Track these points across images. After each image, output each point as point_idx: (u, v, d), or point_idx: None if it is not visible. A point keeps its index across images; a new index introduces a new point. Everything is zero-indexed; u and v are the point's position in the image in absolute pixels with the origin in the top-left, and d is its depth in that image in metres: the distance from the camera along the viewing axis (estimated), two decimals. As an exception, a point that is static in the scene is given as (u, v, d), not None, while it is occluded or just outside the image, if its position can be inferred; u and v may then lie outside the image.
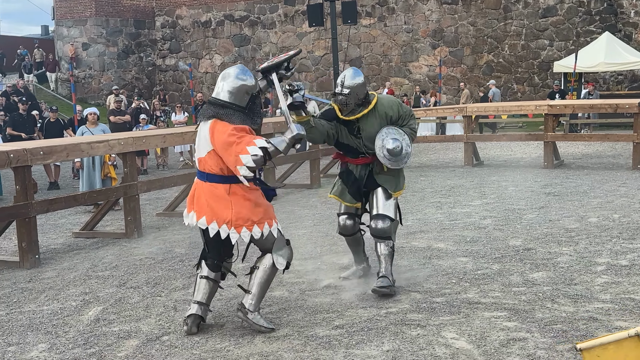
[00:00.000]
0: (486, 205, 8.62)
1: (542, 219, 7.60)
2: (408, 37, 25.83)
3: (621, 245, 6.27)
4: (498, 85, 24.64)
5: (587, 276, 5.38)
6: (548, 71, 23.60)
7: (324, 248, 6.71)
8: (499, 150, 15.40)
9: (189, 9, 29.32)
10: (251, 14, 28.29)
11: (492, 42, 24.73)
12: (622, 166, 11.79)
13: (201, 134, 4.38)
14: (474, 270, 5.68)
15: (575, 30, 23.46)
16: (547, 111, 11.82)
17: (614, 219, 7.43)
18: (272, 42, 27.94)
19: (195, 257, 6.51)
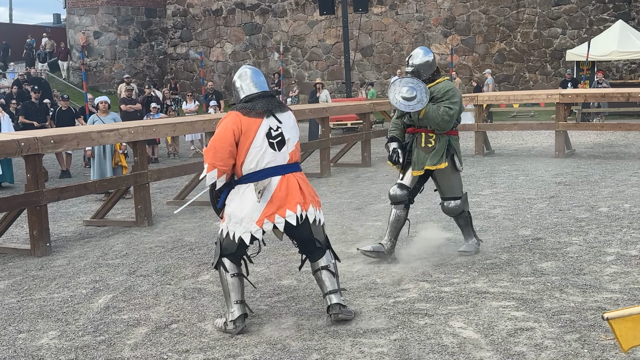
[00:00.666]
0: (496, 195, 8.59)
1: (552, 209, 7.57)
2: (420, 25, 25.67)
3: (631, 235, 6.23)
4: (511, 74, 24.48)
5: (596, 266, 5.35)
6: (560, 60, 23.39)
7: (333, 237, 6.64)
8: (510, 139, 15.31)
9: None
10: (262, 2, 28.19)
11: (504, 31, 24.53)
12: (634, 155, 11.70)
13: (289, 124, 4.32)
14: (482, 260, 5.67)
15: (589, 18, 23.22)
16: (559, 100, 11.72)
17: (624, 209, 7.38)
18: (283, 30, 27.86)
19: (205, 245, 6.58)
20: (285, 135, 4.26)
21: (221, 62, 29.09)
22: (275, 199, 4.17)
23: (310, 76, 27.22)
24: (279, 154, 4.23)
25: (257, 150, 4.18)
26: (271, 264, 5.87)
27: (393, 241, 5.81)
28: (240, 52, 28.68)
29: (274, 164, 4.21)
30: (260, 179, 4.18)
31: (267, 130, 4.21)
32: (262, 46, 28.27)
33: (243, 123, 4.19)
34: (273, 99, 4.39)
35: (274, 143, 4.22)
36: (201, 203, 8.97)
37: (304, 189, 4.28)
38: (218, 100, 16.36)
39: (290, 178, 4.24)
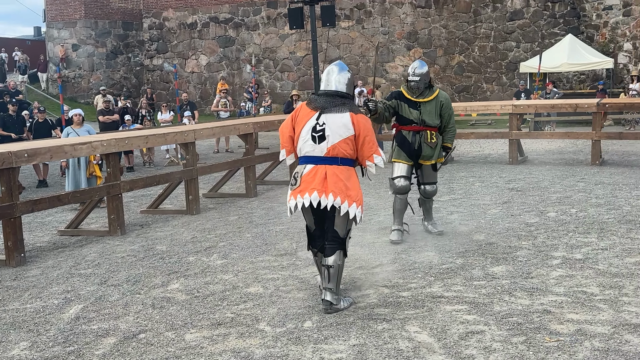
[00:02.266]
0: (454, 201, 8.65)
1: (505, 214, 7.64)
2: (385, 38, 25.82)
3: (576, 240, 6.32)
4: (469, 85, 24.73)
5: (543, 270, 5.41)
6: (515, 71, 23.71)
7: (299, 244, 6.69)
8: (469, 147, 15.45)
9: (175, 11, 29.06)
10: (235, 16, 28.10)
11: (462, 44, 24.80)
12: (582, 162, 11.89)
13: (336, 123, 4.62)
14: (439, 265, 5.69)
15: (541, 32, 23.60)
16: (512, 111, 11.87)
17: (571, 214, 7.48)
18: (255, 43, 27.79)
19: (176, 254, 6.50)
20: (327, 132, 4.62)
21: (196, 73, 28.89)
22: (303, 183, 4.63)
23: (282, 87, 27.20)
24: (318, 146, 4.63)
25: (302, 140, 4.68)
26: (239, 271, 5.82)
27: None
28: (215, 64, 28.53)
29: (312, 154, 4.65)
30: (300, 164, 4.72)
31: (314, 125, 4.65)
32: (236, 58, 28.15)
33: (301, 113, 4.74)
34: (335, 99, 4.71)
35: (315, 137, 4.65)
36: (173, 212, 8.90)
37: (329, 180, 4.59)
38: (192, 110, 16.22)
39: (320, 168, 4.62)
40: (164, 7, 29.21)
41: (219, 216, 8.46)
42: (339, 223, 4.68)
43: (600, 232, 6.54)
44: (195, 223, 8.07)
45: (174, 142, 8.75)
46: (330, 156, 4.63)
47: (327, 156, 4.63)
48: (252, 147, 10.15)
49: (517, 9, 23.86)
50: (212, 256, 6.40)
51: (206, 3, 28.44)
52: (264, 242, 6.86)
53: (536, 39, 23.65)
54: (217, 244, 6.90)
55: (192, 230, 7.65)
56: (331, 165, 4.62)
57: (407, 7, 25.44)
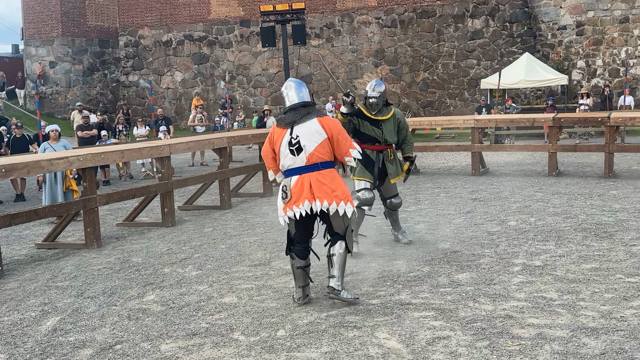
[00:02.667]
0: (420, 211, 8.70)
1: (469, 223, 7.71)
2: (353, 56, 26.00)
3: (536, 247, 6.40)
4: (434, 100, 25.00)
5: (505, 276, 5.47)
6: (476, 87, 24.07)
7: (273, 254, 6.66)
8: (434, 159, 15.59)
9: (150, 29, 28.86)
10: (209, 35, 28.02)
11: (427, 62, 25.10)
12: (540, 173, 12.08)
13: (308, 132, 4.79)
14: (407, 273, 5.71)
15: (500, 51, 24.03)
16: (474, 125, 12.03)
17: (530, 222, 7.58)
18: (229, 60, 27.73)
19: (152, 266, 6.41)
20: (302, 142, 4.79)
21: (171, 89, 28.68)
22: (293, 194, 4.79)
23: (255, 102, 27.15)
24: (298, 158, 4.81)
25: (282, 156, 4.87)
26: (214, 282, 5.76)
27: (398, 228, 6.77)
28: (190, 80, 28.36)
29: (294, 166, 4.83)
30: (285, 177, 4.89)
31: (289, 140, 4.82)
32: (210, 74, 28.04)
33: (275, 133, 4.91)
34: (300, 110, 4.88)
35: (293, 150, 4.82)
36: (149, 224, 8.78)
37: (314, 187, 4.76)
38: (168, 125, 16.08)
39: (305, 178, 4.79)
40: (140, 25, 29.00)
41: (194, 228, 8.38)
42: (336, 225, 4.89)
43: (558, 240, 6.64)
44: (171, 235, 7.97)
45: (150, 157, 8.64)
46: (310, 164, 4.80)
47: (307, 165, 4.79)
48: (227, 161, 10.09)
49: (478, 29, 24.28)
50: (187, 267, 6.32)
51: (181, 22, 28.32)
52: (238, 253, 6.80)
53: (495, 57, 24.07)
54: (192, 255, 6.82)
55: (168, 242, 7.55)
56: (313, 172, 4.80)
57: (375, 27, 25.70)
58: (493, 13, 24.03)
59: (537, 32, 23.71)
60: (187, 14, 28.16)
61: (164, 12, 28.51)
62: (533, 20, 23.72)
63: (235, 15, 27.55)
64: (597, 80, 23.03)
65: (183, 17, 28.25)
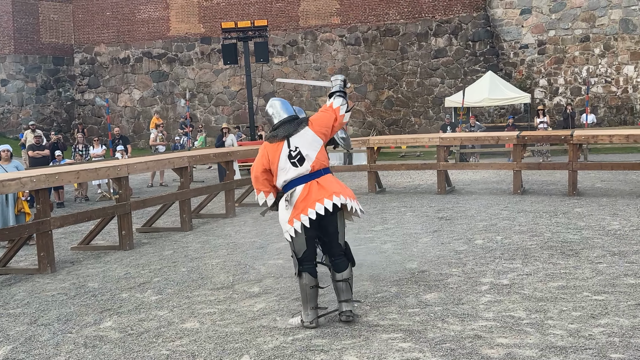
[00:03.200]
0: (387, 230, 8.74)
1: (436, 242, 7.77)
2: (317, 74, 26.21)
3: (503, 266, 6.49)
4: (398, 118, 25.33)
5: (473, 296, 5.52)
6: (440, 105, 24.51)
7: (236, 277, 6.59)
8: (400, 177, 15.75)
9: (107, 46, 28.59)
10: (169, 52, 27.90)
11: (391, 80, 25.49)
12: (505, 191, 12.29)
13: (307, 140, 4.88)
14: (374, 294, 5.71)
15: (463, 69, 24.57)
16: (439, 143, 12.21)
17: (497, 241, 7.69)
18: (189, 77, 27.63)
19: (109, 291, 6.27)
20: (304, 152, 4.85)
21: (129, 107, 28.39)
22: (299, 203, 4.79)
23: (216, 120, 27.06)
24: (302, 168, 4.85)
25: (282, 171, 4.87)
26: (174, 307, 5.66)
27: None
28: (148, 98, 28.13)
29: (297, 177, 4.84)
30: (289, 189, 4.85)
31: (288, 153, 4.85)
32: (170, 92, 27.87)
33: (269, 152, 4.90)
34: (291, 123, 4.95)
35: (295, 162, 4.85)
36: (106, 247, 8.61)
37: (325, 186, 4.82)
38: (125, 145, 15.88)
39: (312, 184, 4.84)
40: (96, 42, 28.70)
41: (153, 251, 8.24)
42: (341, 235, 4.95)
43: (525, 258, 6.75)
44: (129, 259, 7.82)
45: (107, 177, 8.50)
46: (315, 171, 4.89)
47: (312, 172, 4.88)
48: (187, 181, 9.99)
49: (441, 47, 24.81)
50: (146, 292, 6.20)
51: (139, 38, 28.14)
52: (200, 276, 6.71)
53: (459, 76, 24.59)
54: (152, 279, 6.69)
55: (126, 266, 7.41)
56: (319, 178, 4.89)
57: (338, 45, 26.00)
58: (456, 32, 24.60)
59: (500, 50, 24.35)
60: (146, 30, 28.02)
61: (121, 28, 28.31)
62: (495, 39, 24.37)
63: (196, 32, 27.53)
64: (559, 99, 23.76)
65: (141, 34, 28.09)
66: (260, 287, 6.18)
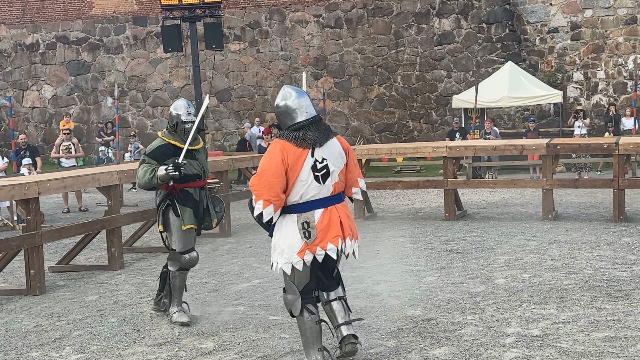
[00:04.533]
0: (380, 267, 8.77)
1: (444, 282, 7.82)
2: (286, 65, 26.35)
3: (532, 312, 6.55)
4: (392, 122, 25.53)
5: (494, 350, 5.55)
6: (447, 106, 24.76)
7: (183, 329, 6.56)
8: (395, 199, 15.83)
9: (9, 28, 28.45)
10: (91, 36, 27.85)
11: (382, 73, 25.72)
12: (532, 216, 12.42)
13: (333, 155, 5.10)
14: (365, 349, 5.71)
15: (475, 59, 24.89)
16: (446, 154, 12.31)
17: (523, 280, 7.77)
18: (118, 69, 27.60)
19: (14, 348, 6.18)
20: (331, 167, 5.06)
21: (38, 108, 28.25)
22: (318, 232, 4.99)
23: (154, 125, 27.01)
24: (324, 186, 5.05)
25: (302, 184, 4.99)
26: None
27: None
28: (64, 97, 28.02)
29: (317, 197, 5.03)
30: (303, 212, 5.01)
31: (313, 163, 5.01)
32: (92, 89, 27.81)
33: (290, 155, 4.97)
34: (322, 125, 5.14)
35: (319, 176, 5.03)
36: (8, 292, 8.49)
37: (344, 222, 5.10)
38: (33, 157, 15.72)
39: (332, 210, 5.06)
40: (-5, 22, 28.59)
41: (72, 296, 8.17)
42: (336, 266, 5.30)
43: (560, 302, 6.81)
44: (40, 306, 7.74)
45: (10, 198, 8.43)
46: (335, 194, 5.13)
47: (332, 195, 5.10)
48: (117, 204, 9.92)
49: (447, 31, 25.12)
50: (63, 350, 6.15)
51: (52, 18, 28.10)
52: (134, 329, 6.68)
53: (470, 68, 24.91)
54: (71, 333, 6.65)
55: (35, 316, 7.34)
56: (339, 204, 5.14)
57: (313, 27, 26.19)
58: (466, 11, 24.97)
59: (522, 35, 24.75)
60: (61, 8, 28.02)
61: (27, 5, 28.24)
62: (517, 21, 24.76)
63: (127, 11, 27.58)
64: (598, 98, 24.15)
65: (55, 13, 28.06)
66: (215, 341, 6.16)
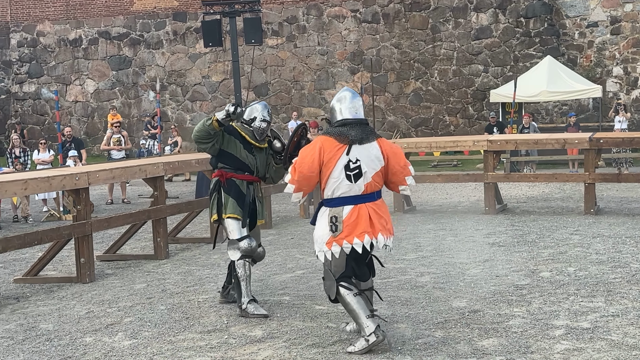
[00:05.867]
0: (422, 259, 8.75)
1: (488, 275, 7.78)
2: (323, 60, 26.32)
3: (580, 305, 6.48)
4: (428, 117, 25.39)
5: (544, 342, 5.51)
6: (484, 101, 24.57)
7: (231, 317, 6.60)
8: (432, 192, 15.75)
9: (53, 24, 28.77)
10: (132, 31, 28.06)
11: (419, 67, 25.58)
12: (573, 210, 12.31)
13: (369, 157, 5.46)
14: (413, 339, 5.71)
15: (513, 54, 24.65)
16: (487, 147, 12.21)
17: (569, 273, 7.70)
18: (158, 64, 27.76)
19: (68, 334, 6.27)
20: (364, 168, 5.42)
21: (81, 102, 28.53)
22: (346, 227, 5.38)
23: (192, 119, 27.12)
24: (355, 185, 5.42)
25: (334, 181, 5.41)
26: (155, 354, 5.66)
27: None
28: (106, 91, 28.27)
29: (348, 194, 5.42)
30: (333, 207, 5.44)
31: (346, 163, 5.40)
32: (133, 83, 28.01)
33: (326, 154, 5.40)
34: (366, 128, 5.55)
35: (350, 175, 5.40)
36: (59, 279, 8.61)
37: (373, 219, 5.43)
38: (79, 149, 15.91)
39: (362, 208, 5.42)
40: (39, 19, 28.90)
41: (120, 284, 8.25)
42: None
43: (608, 295, 6.74)
44: (90, 294, 7.84)
45: (61, 188, 8.53)
46: (367, 193, 5.45)
47: (364, 194, 5.43)
48: (163, 195, 10.00)
49: (484, 26, 24.91)
50: (116, 335, 6.22)
51: (94, 14, 28.35)
52: (184, 316, 6.72)
53: (508, 62, 24.68)
54: (122, 319, 6.71)
55: (87, 303, 7.42)
56: (370, 203, 5.46)
57: (350, 22, 26.12)
58: (504, 5, 24.73)
59: (561, 30, 24.45)
60: (103, 4, 28.26)
61: (71, 1, 28.55)
62: (555, 15, 24.48)
63: (167, 7, 27.74)
64: (638, 92, 23.77)
65: (97, 9, 28.33)
66: (263, 330, 6.18)
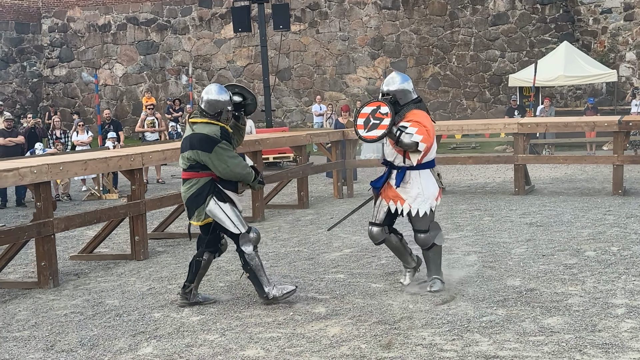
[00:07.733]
0: (465, 239, 8.63)
1: (534, 254, 7.65)
2: (344, 45, 26.07)
3: (634, 284, 6.35)
4: (446, 101, 25.17)
5: (609, 321, 5.38)
6: (500, 85, 24.31)
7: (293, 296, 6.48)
8: (456, 174, 15.60)
9: (83, 10, 28.60)
10: (159, 17, 27.86)
11: (437, 53, 25.30)
12: (600, 191, 12.14)
13: None
14: (478, 317, 5.60)
15: (529, 39, 24.34)
16: (517, 130, 12.04)
17: (613, 253, 7.56)
18: (184, 49, 27.57)
19: (135, 309, 6.18)
20: None
21: (110, 86, 28.40)
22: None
23: (217, 103, 26.91)
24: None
25: (434, 145, 6.52)
26: (225, 330, 5.57)
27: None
28: (134, 75, 28.12)
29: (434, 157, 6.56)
30: (433, 167, 6.53)
31: None
32: (160, 68, 27.84)
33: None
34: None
35: None
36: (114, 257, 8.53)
37: None
38: (117, 131, 15.79)
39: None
40: (69, 4, 28.73)
41: (174, 262, 8.16)
42: None
43: (659, 274, 6.61)
44: (147, 270, 7.75)
45: (118, 168, 8.41)
46: None
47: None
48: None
49: (501, 12, 24.59)
50: (182, 312, 6.14)
51: (122, 0, 28.13)
52: (244, 293, 6.63)
53: (524, 48, 24.37)
54: (185, 296, 6.61)
55: (146, 280, 7.34)
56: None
57: (371, 8, 25.83)
58: (521, -7, 24.39)
59: (576, 16, 24.12)
60: (130, -10, 28.02)
61: (99, -13, 28.31)
62: (570, 2, 24.14)
63: (193, -7, 27.49)
64: (651, 78, 23.46)
65: (125, -5, 28.10)
66: (326, 307, 6.09)
